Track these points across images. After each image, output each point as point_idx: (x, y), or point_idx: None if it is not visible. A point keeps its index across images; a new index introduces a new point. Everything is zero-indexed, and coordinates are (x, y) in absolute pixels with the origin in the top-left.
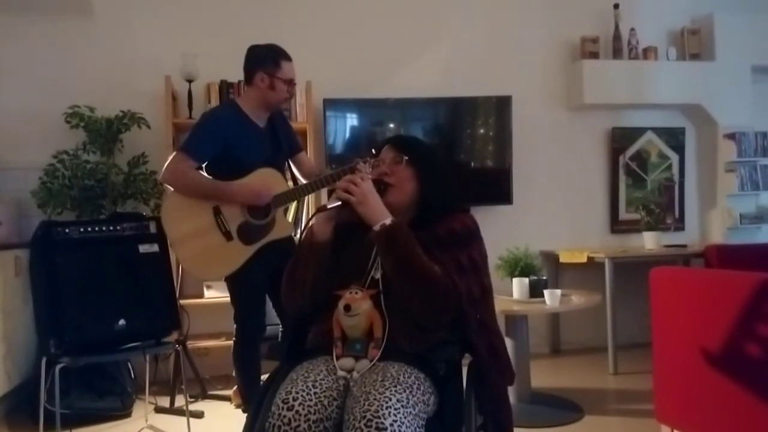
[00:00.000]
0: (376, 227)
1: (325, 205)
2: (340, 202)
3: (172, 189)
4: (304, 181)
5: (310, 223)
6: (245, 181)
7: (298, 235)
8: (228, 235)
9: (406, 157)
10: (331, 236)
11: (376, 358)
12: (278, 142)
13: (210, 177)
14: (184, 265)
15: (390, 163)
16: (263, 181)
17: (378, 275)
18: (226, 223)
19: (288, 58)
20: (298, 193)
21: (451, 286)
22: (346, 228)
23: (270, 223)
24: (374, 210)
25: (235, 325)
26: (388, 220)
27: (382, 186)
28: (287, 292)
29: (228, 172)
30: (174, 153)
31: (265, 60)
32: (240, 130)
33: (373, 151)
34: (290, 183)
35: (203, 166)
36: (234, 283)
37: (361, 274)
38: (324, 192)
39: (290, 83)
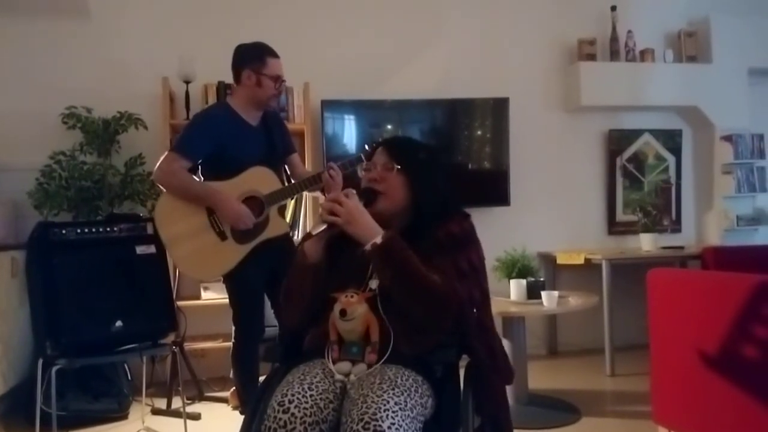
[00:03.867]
0: (368, 247)
1: (310, 233)
2: (325, 226)
3: (164, 189)
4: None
5: (302, 246)
6: (235, 184)
7: (298, 236)
8: (222, 235)
9: (398, 166)
10: (323, 254)
11: (379, 363)
12: (272, 142)
13: (201, 179)
14: (179, 265)
15: (381, 169)
16: (255, 180)
17: (374, 286)
18: (219, 222)
19: (274, 55)
20: (291, 191)
21: (451, 293)
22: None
23: (264, 222)
24: (363, 228)
25: (233, 327)
26: (378, 239)
27: (370, 195)
28: (285, 311)
29: (221, 171)
30: (166, 152)
31: (250, 57)
32: (232, 129)
33: (366, 147)
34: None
35: (198, 164)
36: (232, 284)
37: (359, 278)
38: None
39: (277, 80)
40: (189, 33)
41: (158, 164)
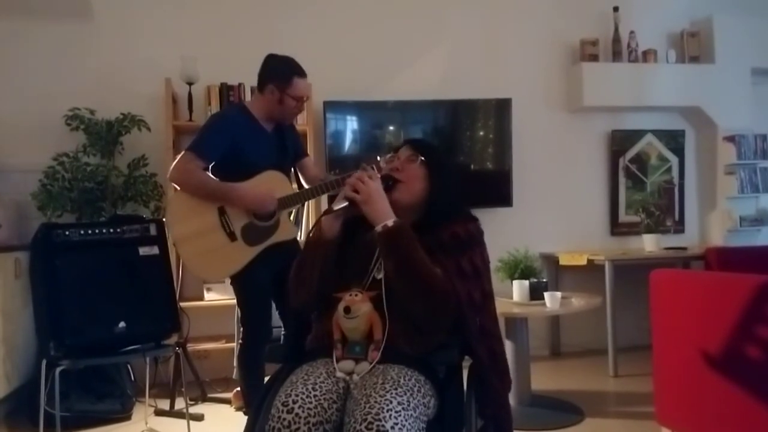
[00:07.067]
0: (378, 228)
1: (331, 207)
2: (346, 203)
3: (178, 188)
4: (307, 187)
5: (319, 221)
6: (251, 185)
7: (301, 237)
8: (232, 236)
9: (422, 158)
10: (339, 233)
11: (376, 360)
12: (285, 147)
13: (216, 179)
14: (187, 264)
15: (404, 160)
16: (269, 183)
17: (380, 276)
18: (230, 223)
19: (302, 75)
20: (303, 197)
21: (451, 289)
22: (353, 223)
23: (274, 225)
24: (378, 210)
25: (242, 328)
26: (390, 222)
27: (390, 182)
28: (294, 288)
29: (234, 174)
30: (182, 152)
31: (277, 74)
32: (248, 132)
33: (378, 158)
34: (295, 187)
35: (210, 167)
36: (240, 285)
37: (362, 273)
38: (324, 199)
39: (300, 99)
40: (192, 34)
41: (174, 164)
